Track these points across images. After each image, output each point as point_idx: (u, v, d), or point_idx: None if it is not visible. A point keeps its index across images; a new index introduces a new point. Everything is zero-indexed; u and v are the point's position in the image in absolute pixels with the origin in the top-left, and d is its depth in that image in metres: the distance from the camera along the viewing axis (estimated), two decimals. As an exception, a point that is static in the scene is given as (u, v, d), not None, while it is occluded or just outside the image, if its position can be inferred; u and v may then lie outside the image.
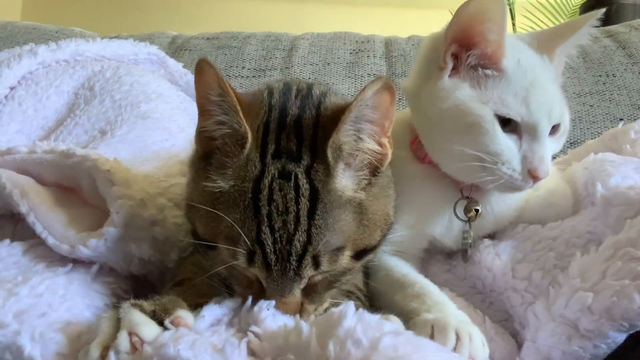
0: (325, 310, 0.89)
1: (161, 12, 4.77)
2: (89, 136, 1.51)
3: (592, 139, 1.60)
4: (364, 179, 0.87)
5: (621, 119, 1.88)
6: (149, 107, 1.59)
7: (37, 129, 1.56)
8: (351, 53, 2.16)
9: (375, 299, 1.04)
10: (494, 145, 0.97)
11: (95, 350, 0.75)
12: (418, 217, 1.09)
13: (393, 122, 0.88)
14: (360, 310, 0.76)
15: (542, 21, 3.99)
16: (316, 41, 2.22)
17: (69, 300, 0.88)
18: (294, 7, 4.81)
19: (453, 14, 0.98)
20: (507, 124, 0.98)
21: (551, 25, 3.96)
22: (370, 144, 0.86)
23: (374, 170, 0.89)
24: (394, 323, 0.80)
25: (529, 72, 1.00)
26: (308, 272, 0.82)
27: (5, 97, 1.58)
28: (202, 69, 0.83)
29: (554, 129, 1.02)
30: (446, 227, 1.10)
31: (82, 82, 1.67)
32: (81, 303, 0.90)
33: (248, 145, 0.84)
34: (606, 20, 2.92)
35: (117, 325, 0.78)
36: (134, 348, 0.74)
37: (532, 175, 0.97)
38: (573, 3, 3.93)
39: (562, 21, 4.01)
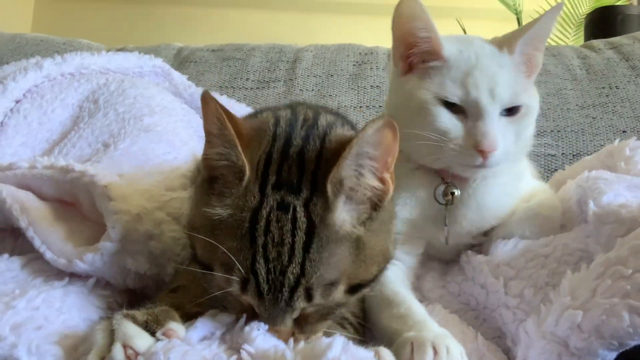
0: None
1: (167, 24, 4.80)
2: (93, 149, 1.52)
3: (595, 151, 1.61)
4: (364, 213, 0.87)
5: (624, 131, 1.88)
6: (152, 120, 1.60)
7: (42, 142, 1.57)
8: (354, 65, 2.17)
9: (365, 312, 1.05)
10: (438, 124, 1.08)
11: None
12: (410, 210, 1.18)
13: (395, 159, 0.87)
14: (347, 341, 0.77)
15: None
16: (320, 53, 2.23)
17: (65, 313, 0.89)
18: (298, 17, 4.82)
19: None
20: (452, 106, 1.09)
21: (558, 34, 3.97)
22: (371, 180, 0.85)
23: (375, 206, 0.88)
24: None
25: (471, 59, 1.11)
26: (300, 304, 0.82)
27: (11, 110, 1.59)
28: (206, 102, 0.84)
29: (512, 111, 1.10)
30: (432, 217, 1.17)
31: (86, 95, 1.68)
32: (77, 316, 0.91)
33: (246, 178, 0.84)
34: (611, 31, 2.93)
35: (111, 336, 0.79)
36: (128, 358, 0.75)
37: (478, 150, 1.05)
38: (580, 13, 3.92)
39: (569, 31, 4.02)
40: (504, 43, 1.14)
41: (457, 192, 1.15)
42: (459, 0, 4.24)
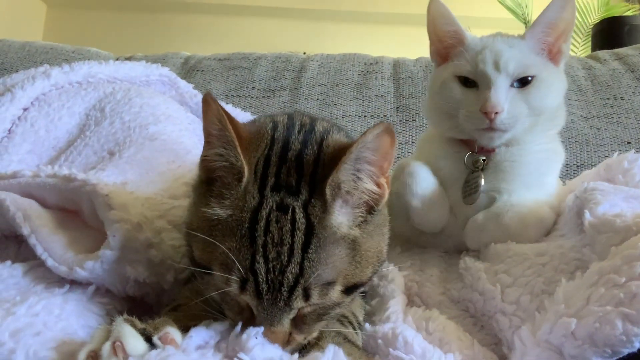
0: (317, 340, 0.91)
1: (175, 33, 4.84)
2: (98, 157, 1.53)
3: (599, 161, 1.60)
4: (360, 216, 0.89)
5: (629, 142, 1.87)
6: (157, 129, 1.61)
7: (49, 149, 1.59)
8: (359, 74, 2.18)
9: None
10: (454, 96, 1.26)
11: (82, 355, 0.77)
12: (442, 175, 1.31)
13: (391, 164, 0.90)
14: (338, 350, 0.79)
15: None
16: (325, 62, 2.24)
17: (64, 320, 0.90)
18: (304, 26, 4.85)
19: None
20: (466, 81, 1.25)
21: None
22: (368, 184, 0.88)
23: (370, 209, 0.90)
24: None
25: (485, 42, 1.26)
26: (298, 303, 0.83)
27: (19, 118, 1.61)
28: (207, 103, 0.85)
29: (523, 82, 1.22)
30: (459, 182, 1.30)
31: (93, 104, 1.69)
32: (76, 323, 0.91)
33: (245, 179, 0.86)
34: (619, 42, 2.92)
35: (108, 335, 0.80)
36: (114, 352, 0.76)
37: (483, 112, 1.18)
38: (589, 23, 3.92)
39: (579, 40, 4.02)
40: (522, 34, 1.29)
41: (481, 160, 1.28)
42: (468, 9, 4.27)
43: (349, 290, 0.88)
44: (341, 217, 0.86)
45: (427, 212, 1.26)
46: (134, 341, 0.78)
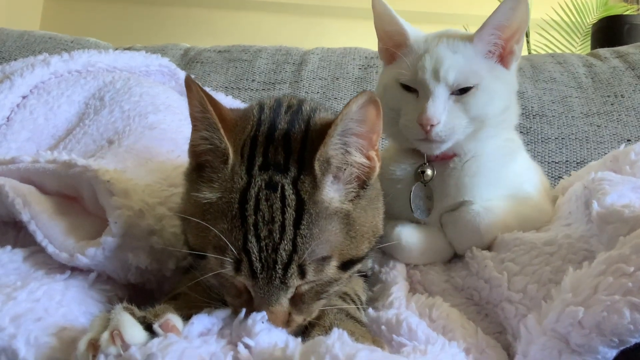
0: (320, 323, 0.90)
1: (175, 25, 4.83)
2: (97, 145, 1.52)
3: (598, 159, 1.60)
4: (352, 191, 0.89)
5: (628, 140, 1.87)
6: (157, 118, 1.60)
7: (48, 138, 1.58)
8: (360, 68, 2.17)
9: None
10: (394, 102, 1.22)
11: (82, 344, 0.76)
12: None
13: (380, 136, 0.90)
14: (342, 332, 0.77)
15: (556, 39, 3.99)
16: (326, 56, 2.23)
17: (65, 306, 0.89)
18: (306, 20, 4.84)
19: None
20: (408, 88, 1.20)
21: (565, 43, 3.97)
22: (357, 157, 0.88)
23: (363, 183, 0.90)
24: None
25: (427, 45, 1.21)
26: (294, 281, 0.83)
27: (17, 105, 1.60)
28: (188, 86, 0.86)
29: (464, 91, 1.17)
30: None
31: (93, 92, 1.69)
32: (77, 309, 0.90)
33: (230, 161, 0.86)
34: (618, 41, 2.92)
35: (107, 324, 0.79)
36: (113, 342, 0.75)
37: (419, 123, 1.15)
38: (587, 22, 3.92)
39: (576, 40, 4.01)
40: (471, 34, 1.23)
41: (428, 172, 1.24)
42: (466, 7, 4.27)
43: (345, 265, 0.88)
44: (332, 192, 0.86)
45: (432, 257, 1.23)
46: (132, 330, 0.77)
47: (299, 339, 0.81)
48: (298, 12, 4.89)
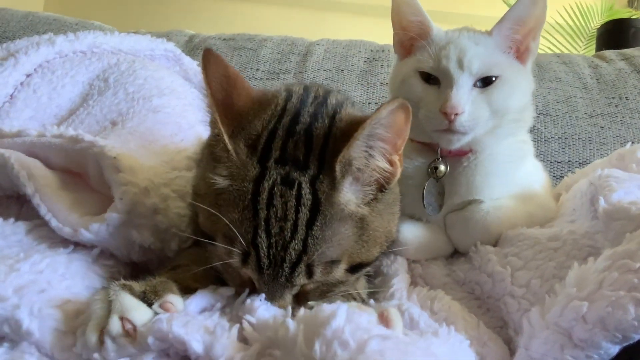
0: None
1: (180, 11, 4.81)
2: (100, 126, 1.51)
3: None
4: (370, 194, 0.87)
5: (632, 142, 1.87)
6: (161, 102, 1.60)
7: (50, 117, 1.57)
8: (365, 61, 2.16)
9: None
10: (414, 93, 1.18)
11: (92, 335, 0.76)
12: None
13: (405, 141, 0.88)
14: (351, 309, 0.75)
15: (560, 43, 3.99)
16: (331, 48, 2.22)
17: (69, 279, 0.89)
18: (311, 14, 4.83)
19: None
20: (428, 78, 1.18)
21: (569, 47, 3.97)
22: (380, 162, 0.85)
23: (381, 187, 0.88)
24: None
25: (450, 37, 1.20)
26: (300, 280, 0.82)
27: (21, 83, 1.60)
28: (204, 64, 0.86)
29: (486, 81, 1.16)
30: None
31: (97, 74, 1.68)
32: (80, 283, 0.91)
33: (230, 149, 0.84)
34: (623, 45, 2.92)
35: (109, 307, 0.79)
36: (125, 331, 0.75)
37: (443, 112, 1.12)
38: (592, 26, 3.92)
39: (580, 44, 4.01)
40: (489, 30, 1.23)
41: (442, 167, 1.22)
42: (472, 7, 4.26)
43: (353, 269, 0.87)
44: (350, 195, 0.84)
45: (428, 254, 1.22)
46: (138, 313, 0.77)
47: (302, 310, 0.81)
48: (304, 6, 4.88)
